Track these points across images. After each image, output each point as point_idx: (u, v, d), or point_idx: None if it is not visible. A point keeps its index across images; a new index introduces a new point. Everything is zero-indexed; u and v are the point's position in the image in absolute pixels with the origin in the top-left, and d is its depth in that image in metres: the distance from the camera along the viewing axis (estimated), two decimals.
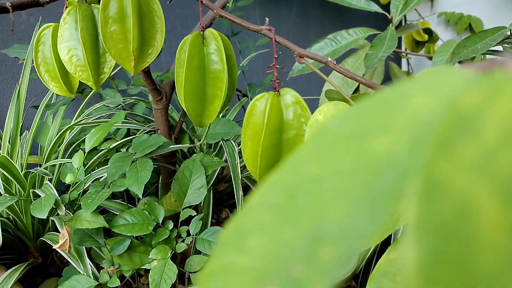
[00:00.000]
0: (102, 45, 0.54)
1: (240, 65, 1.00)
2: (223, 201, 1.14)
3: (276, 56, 0.38)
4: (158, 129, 0.84)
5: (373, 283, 0.27)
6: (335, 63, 0.35)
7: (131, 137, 0.83)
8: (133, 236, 0.74)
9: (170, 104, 1.10)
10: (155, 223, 0.69)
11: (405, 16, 1.81)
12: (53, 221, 0.72)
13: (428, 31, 1.11)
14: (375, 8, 0.96)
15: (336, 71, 0.35)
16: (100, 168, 0.86)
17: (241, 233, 0.08)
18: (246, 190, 1.10)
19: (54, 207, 0.64)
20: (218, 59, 0.40)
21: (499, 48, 0.81)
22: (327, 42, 0.97)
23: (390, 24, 0.93)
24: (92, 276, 0.65)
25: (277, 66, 0.38)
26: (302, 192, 0.08)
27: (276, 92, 0.38)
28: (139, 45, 0.45)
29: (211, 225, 0.89)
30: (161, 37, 0.46)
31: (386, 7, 1.28)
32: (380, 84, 0.33)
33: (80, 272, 0.66)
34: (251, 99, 1.07)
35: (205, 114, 0.43)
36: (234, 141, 0.90)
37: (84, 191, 0.76)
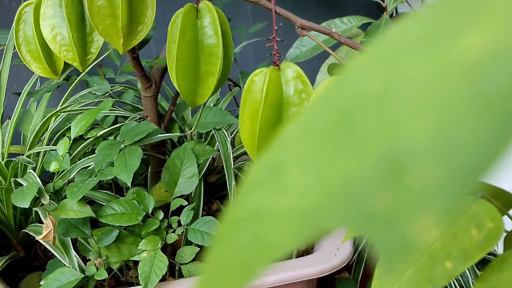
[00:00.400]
0: (88, 23, 0.51)
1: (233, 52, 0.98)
2: (214, 193, 1.12)
3: (276, 28, 0.36)
4: (147, 117, 0.81)
5: (384, 266, 0.25)
6: (339, 34, 0.33)
7: (119, 124, 0.80)
8: (121, 226, 0.71)
9: (159, 93, 1.07)
10: (144, 213, 0.66)
11: (396, 8, 1.80)
12: (36, 212, 0.68)
13: None
14: None
15: (342, 42, 0.33)
16: (87, 158, 0.83)
17: (277, 169, 0.06)
18: (238, 181, 1.08)
19: (37, 196, 0.61)
20: (213, 33, 0.38)
21: None
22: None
23: (385, 12, 0.91)
24: (78, 269, 0.63)
25: (277, 39, 0.36)
26: (361, 111, 0.06)
27: (276, 67, 0.36)
28: (128, 21, 0.43)
29: (202, 217, 0.87)
30: (152, 13, 0.44)
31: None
32: None
33: (65, 265, 0.63)
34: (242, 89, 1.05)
35: (198, 92, 0.40)
36: (226, 131, 0.88)
37: (70, 182, 0.73)
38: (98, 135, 0.82)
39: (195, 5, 0.39)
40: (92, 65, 1.04)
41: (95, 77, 1.04)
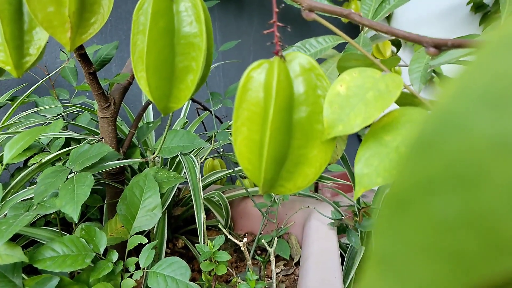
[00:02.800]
0: (28, 18, 0.41)
1: None
2: (179, 228, 1.00)
3: (277, 10, 0.28)
4: (102, 139, 0.71)
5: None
6: (361, 15, 0.26)
7: (68, 148, 0.68)
8: (67, 272, 0.59)
9: (118, 115, 0.97)
10: (94, 255, 0.55)
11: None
12: None
13: (397, 43, 1.09)
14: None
15: (365, 25, 0.26)
16: (28, 188, 0.70)
17: None
18: (207, 214, 0.98)
19: None
20: (193, 18, 0.29)
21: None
22: (295, 50, 0.90)
23: (362, 32, 0.87)
24: None
25: (279, 24, 0.29)
26: None
27: (281, 57, 0.28)
28: (78, 9, 0.34)
29: (165, 256, 0.75)
30: (109, 2, 0.35)
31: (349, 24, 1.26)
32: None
33: None
34: (212, 112, 0.96)
35: (174, 94, 0.31)
36: (195, 156, 0.78)
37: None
38: (43, 161, 0.70)
39: None
40: (45, 84, 0.93)
41: (45, 97, 0.92)
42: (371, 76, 0.25)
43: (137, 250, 0.64)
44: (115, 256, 0.57)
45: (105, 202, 0.80)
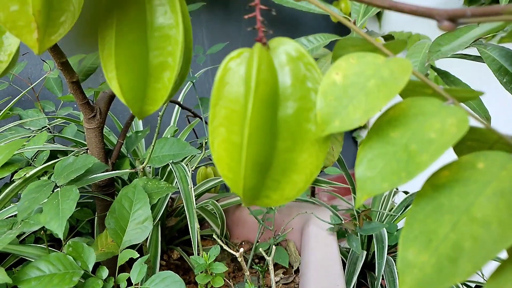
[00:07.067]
0: None
1: (193, 76, 0.88)
2: (174, 239, 0.97)
3: None
4: (87, 150, 0.68)
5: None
6: None
7: (52, 161, 0.65)
8: None
9: (106, 125, 0.94)
10: (82, 272, 0.52)
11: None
12: None
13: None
14: (335, 12, 0.89)
15: (363, 1, 0.23)
16: (12, 205, 0.67)
17: None
18: (201, 223, 0.95)
19: None
20: (168, 8, 0.27)
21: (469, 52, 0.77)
22: None
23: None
24: None
25: (262, 7, 0.26)
26: None
27: (264, 45, 0.25)
28: (44, 7, 0.31)
29: (160, 269, 0.72)
30: None
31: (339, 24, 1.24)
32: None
33: None
34: (202, 119, 0.94)
35: (149, 95, 0.28)
36: (186, 164, 0.75)
37: None
38: (27, 175, 0.67)
39: None
40: (30, 96, 0.90)
41: (29, 110, 0.89)
42: (372, 62, 0.22)
43: (131, 265, 0.61)
44: (105, 272, 0.54)
45: (96, 215, 0.77)
